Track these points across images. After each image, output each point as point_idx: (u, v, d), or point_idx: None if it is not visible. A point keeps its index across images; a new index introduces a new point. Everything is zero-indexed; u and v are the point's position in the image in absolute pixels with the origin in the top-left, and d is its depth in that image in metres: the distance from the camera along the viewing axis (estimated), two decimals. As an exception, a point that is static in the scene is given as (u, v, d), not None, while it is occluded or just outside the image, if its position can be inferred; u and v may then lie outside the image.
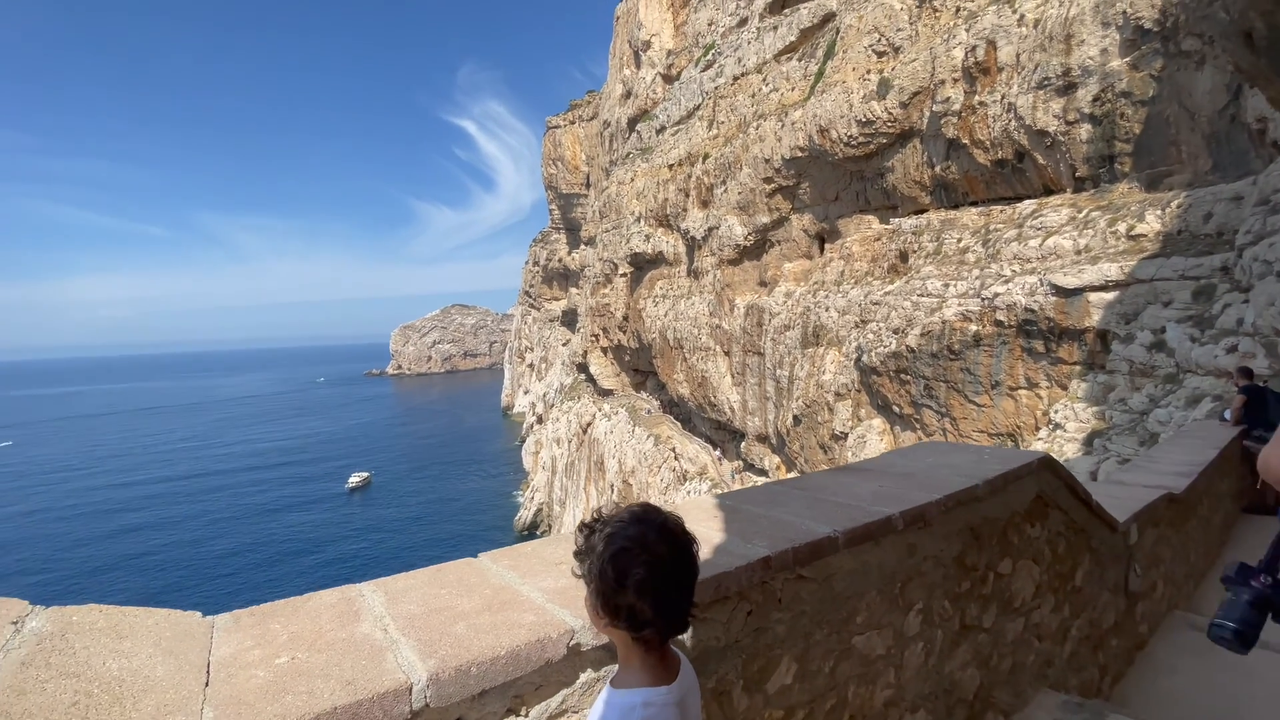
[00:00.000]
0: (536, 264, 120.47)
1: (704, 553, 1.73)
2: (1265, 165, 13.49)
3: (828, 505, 2.38)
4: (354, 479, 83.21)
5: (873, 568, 2.23)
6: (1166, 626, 4.70)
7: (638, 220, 53.90)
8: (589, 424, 62.00)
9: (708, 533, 2.05)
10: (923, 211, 26.17)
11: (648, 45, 65.73)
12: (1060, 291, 16.55)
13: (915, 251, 24.39)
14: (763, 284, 37.32)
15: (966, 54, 22.47)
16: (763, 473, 37.10)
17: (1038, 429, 17.14)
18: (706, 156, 42.43)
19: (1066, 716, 2.76)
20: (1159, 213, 16.07)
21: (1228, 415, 7.94)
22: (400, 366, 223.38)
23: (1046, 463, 3.11)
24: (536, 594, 1.68)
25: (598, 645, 1.53)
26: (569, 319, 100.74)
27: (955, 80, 23.04)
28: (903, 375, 21.98)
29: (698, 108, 47.49)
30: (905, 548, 2.36)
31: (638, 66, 68.39)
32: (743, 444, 39.41)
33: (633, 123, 66.12)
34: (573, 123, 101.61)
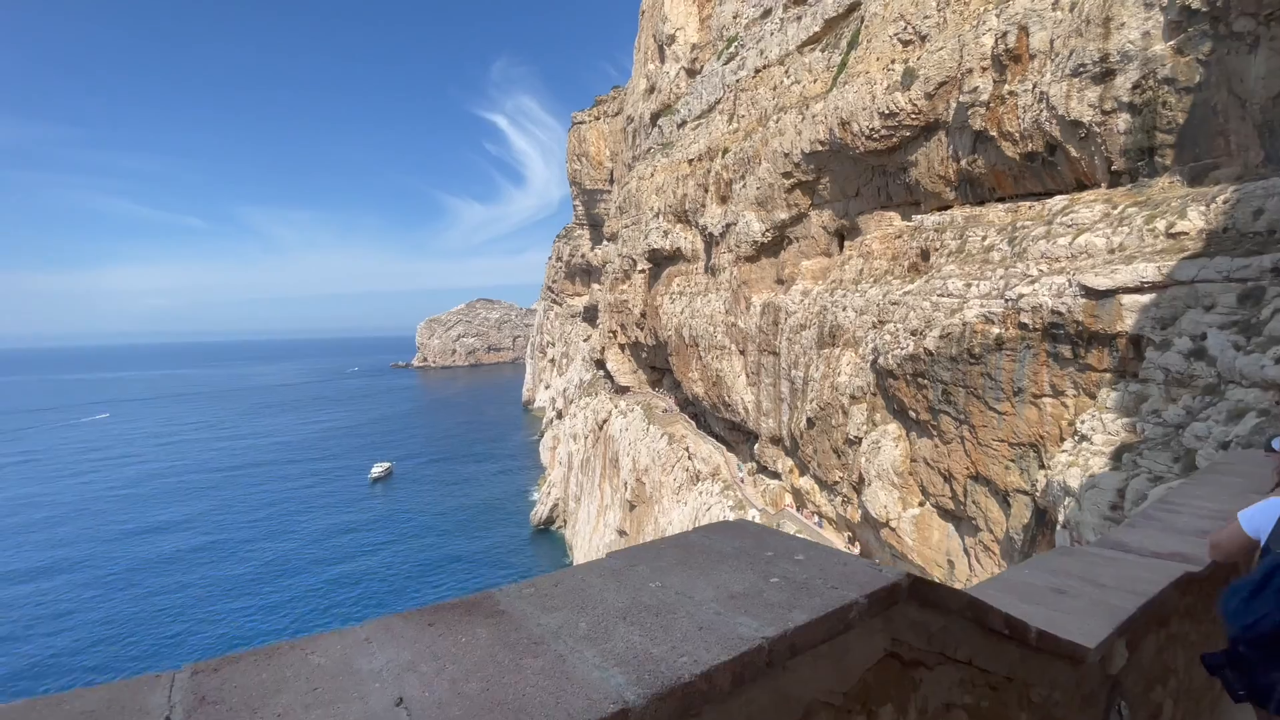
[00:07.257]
0: (560, 259, 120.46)
1: None
2: (1325, 156, 12.21)
3: None
4: (376, 469, 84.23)
5: None
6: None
7: (656, 216, 53.12)
8: (605, 421, 61.49)
9: None
10: (946, 208, 24.93)
11: (672, 39, 64.73)
12: (1090, 293, 15.36)
13: (937, 250, 23.19)
14: (780, 282, 36.27)
15: (997, 40, 21.20)
16: (775, 475, 36.11)
17: (1062, 440, 15.99)
18: (726, 151, 41.44)
19: None
20: (1203, 209, 14.77)
21: (1276, 444, 6.23)
22: (425, 359, 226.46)
23: (913, 587, 1.65)
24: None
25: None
26: (590, 315, 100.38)
27: (984, 69, 21.79)
28: (920, 379, 20.88)
29: (718, 101, 46.48)
30: None
31: (662, 61, 67.47)
32: (756, 446, 38.44)
33: (655, 118, 65.29)
34: (598, 118, 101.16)
